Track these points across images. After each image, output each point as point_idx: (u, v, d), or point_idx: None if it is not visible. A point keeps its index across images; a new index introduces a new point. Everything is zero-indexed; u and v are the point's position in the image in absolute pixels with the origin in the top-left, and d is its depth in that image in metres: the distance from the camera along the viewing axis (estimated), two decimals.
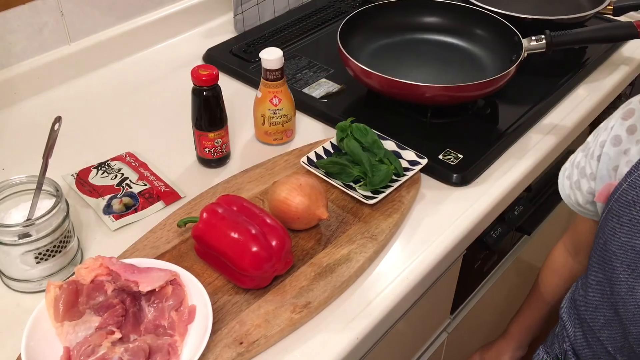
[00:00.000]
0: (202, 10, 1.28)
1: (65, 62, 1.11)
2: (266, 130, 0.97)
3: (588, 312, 0.75)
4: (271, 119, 0.96)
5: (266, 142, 0.99)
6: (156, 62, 1.19)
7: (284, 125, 0.97)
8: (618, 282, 0.68)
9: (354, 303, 0.75)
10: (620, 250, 0.67)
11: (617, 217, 0.67)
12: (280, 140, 0.99)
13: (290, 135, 0.99)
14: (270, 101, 0.94)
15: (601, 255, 0.71)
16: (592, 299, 0.74)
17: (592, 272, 0.73)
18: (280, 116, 0.96)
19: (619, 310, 0.69)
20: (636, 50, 1.23)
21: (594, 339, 0.75)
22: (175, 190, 0.89)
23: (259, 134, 0.99)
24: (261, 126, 0.98)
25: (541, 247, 1.39)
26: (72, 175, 0.91)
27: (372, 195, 0.86)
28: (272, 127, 0.97)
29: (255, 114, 0.98)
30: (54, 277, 0.76)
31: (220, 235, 0.73)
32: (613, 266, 0.68)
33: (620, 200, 0.67)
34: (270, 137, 0.98)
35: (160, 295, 0.70)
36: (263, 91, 0.95)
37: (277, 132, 0.97)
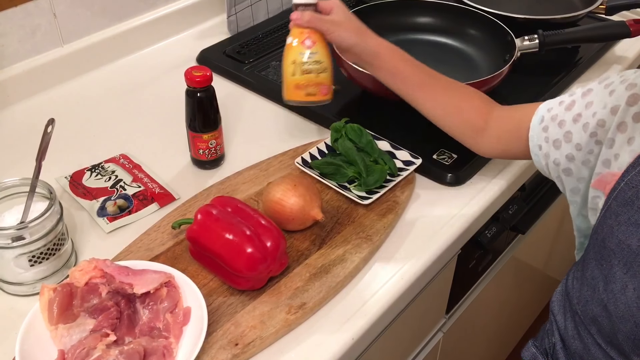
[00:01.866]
0: (195, 11, 1.28)
1: (58, 64, 1.10)
2: (297, 83, 0.84)
3: (580, 305, 0.76)
4: (303, 66, 0.82)
5: (297, 100, 0.85)
6: (150, 63, 1.19)
7: (318, 75, 0.83)
8: (614, 280, 0.68)
9: (349, 303, 0.75)
10: (618, 249, 0.67)
11: (615, 216, 0.67)
12: (314, 96, 0.85)
13: (326, 93, 0.85)
14: (302, 43, 0.83)
15: (599, 252, 0.71)
16: (585, 293, 0.74)
17: (589, 268, 0.73)
18: (314, 62, 0.83)
19: (609, 308, 0.70)
20: (628, 49, 1.24)
21: (585, 332, 0.76)
22: (170, 192, 0.89)
23: (288, 90, 0.85)
24: (290, 77, 0.84)
25: (535, 246, 1.39)
26: (66, 177, 0.91)
27: (367, 195, 0.86)
28: (304, 77, 0.83)
29: (285, 64, 0.85)
30: (48, 279, 0.75)
31: (214, 237, 0.73)
32: (611, 264, 0.69)
33: (619, 198, 0.67)
34: (302, 90, 0.84)
35: (155, 297, 0.70)
36: (294, 33, 0.84)
37: (310, 85, 0.83)
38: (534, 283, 1.57)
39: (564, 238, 1.57)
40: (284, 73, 0.85)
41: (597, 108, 0.71)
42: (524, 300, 1.57)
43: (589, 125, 0.71)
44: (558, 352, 0.83)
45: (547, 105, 0.79)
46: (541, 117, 0.78)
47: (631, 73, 0.71)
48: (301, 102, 0.85)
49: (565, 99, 0.77)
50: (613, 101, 0.69)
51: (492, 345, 1.53)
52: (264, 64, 1.16)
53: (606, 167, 0.69)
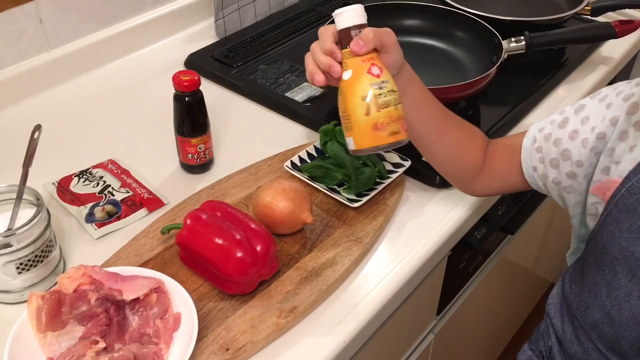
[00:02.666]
0: (182, 15, 1.28)
1: (45, 69, 1.10)
2: (375, 122, 0.67)
3: (580, 310, 0.75)
4: (379, 99, 0.66)
5: (379, 145, 0.68)
6: (137, 68, 1.19)
7: (397, 107, 0.68)
8: (618, 286, 0.68)
9: (340, 306, 0.75)
10: (621, 256, 0.67)
11: (616, 222, 0.67)
12: (398, 135, 0.68)
13: (406, 127, 0.69)
14: (369, 72, 0.67)
15: (600, 258, 0.70)
16: (586, 298, 0.74)
17: (589, 273, 0.73)
18: (390, 92, 0.67)
19: (612, 315, 0.69)
20: (614, 50, 1.25)
21: (585, 337, 0.76)
22: (159, 197, 0.89)
23: (365, 135, 0.68)
24: (365, 119, 0.67)
25: (525, 246, 1.40)
26: (53, 183, 0.90)
27: (357, 198, 0.86)
28: (383, 113, 0.67)
29: (350, 105, 0.68)
30: (36, 287, 0.75)
31: (204, 242, 0.72)
32: (615, 270, 0.68)
33: (620, 205, 0.67)
34: (383, 131, 0.67)
35: (144, 304, 0.70)
36: (352, 64, 0.68)
37: (392, 121, 0.67)
38: (524, 283, 1.58)
39: (553, 238, 1.58)
40: (352, 117, 0.68)
41: (595, 122, 0.70)
42: (515, 300, 1.58)
43: (589, 140, 0.70)
44: (555, 355, 0.83)
45: (538, 125, 0.77)
46: (533, 137, 0.76)
47: (624, 85, 0.72)
48: (384, 146, 0.68)
49: (556, 117, 0.75)
50: (612, 113, 0.69)
51: (484, 345, 1.53)
52: (252, 68, 1.16)
53: (605, 174, 0.69)
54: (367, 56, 0.68)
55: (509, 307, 1.56)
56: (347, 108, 0.68)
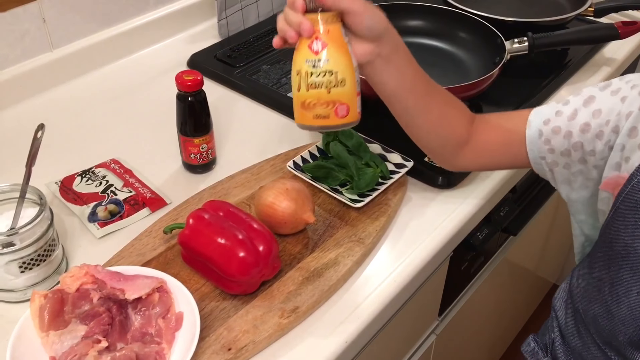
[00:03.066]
0: (185, 15, 1.28)
1: (48, 69, 1.10)
2: (303, 100, 0.65)
3: (582, 303, 0.76)
4: (309, 77, 0.63)
5: (305, 124, 0.67)
6: (140, 68, 1.19)
7: (329, 90, 0.63)
8: (619, 282, 0.68)
9: (342, 307, 0.75)
10: (625, 252, 0.67)
11: (623, 219, 0.67)
12: (325, 119, 0.65)
13: (345, 114, 0.65)
14: (309, 47, 0.63)
15: (607, 254, 0.71)
16: (590, 292, 0.74)
17: (596, 268, 0.74)
18: (324, 72, 0.63)
19: (611, 309, 0.70)
20: (617, 51, 1.25)
21: (585, 330, 0.76)
22: (161, 196, 0.89)
23: (296, 110, 0.68)
24: (296, 92, 0.66)
25: (527, 247, 1.40)
26: (56, 183, 0.90)
27: (359, 198, 0.86)
28: (311, 94, 0.64)
29: (292, 75, 0.67)
30: (39, 286, 0.75)
31: (206, 241, 0.73)
32: (619, 266, 0.68)
33: (626, 201, 0.67)
34: (309, 111, 0.65)
35: (146, 303, 0.70)
36: None
37: (320, 104, 0.64)
38: (526, 284, 1.58)
39: (555, 239, 1.58)
40: (292, 88, 0.67)
41: (609, 116, 0.69)
42: (516, 301, 1.58)
43: (604, 133, 0.69)
44: (557, 348, 0.83)
45: (541, 116, 0.75)
46: (538, 130, 0.75)
47: (636, 77, 0.71)
48: (310, 126, 0.66)
49: (562, 108, 0.74)
50: (627, 107, 0.68)
51: (485, 346, 1.53)
52: (255, 68, 1.16)
53: (616, 170, 0.69)
54: (321, 27, 0.63)
55: (511, 308, 1.56)
56: (292, 76, 0.67)
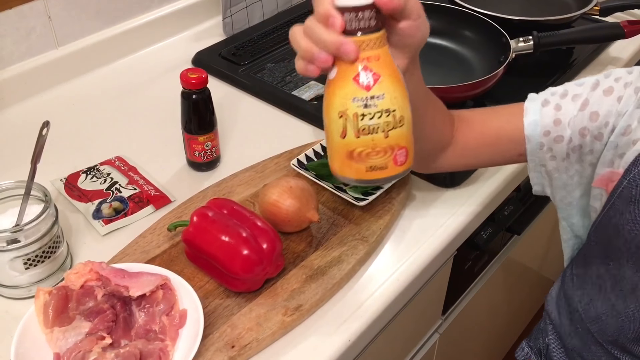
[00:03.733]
0: (190, 13, 1.28)
1: (53, 66, 1.10)
2: (352, 150, 0.52)
3: (582, 303, 0.75)
4: (359, 120, 0.50)
5: (353, 179, 0.54)
6: (145, 65, 1.19)
7: (387, 134, 0.51)
8: (623, 279, 0.68)
9: (345, 305, 0.75)
10: (625, 248, 0.67)
11: (620, 214, 0.67)
12: (383, 170, 0.53)
13: (405, 158, 0.53)
14: (355, 80, 0.50)
15: (604, 251, 0.70)
16: (589, 291, 0.74)
17: (592, 266, 0.73)
18: (380, 112, 0.50)
19: (617, 307, 0.69)
20: (623, 50, 1.24)
21: (584, 330, 0.75)
22: (165, 194, 0.89)
23: (338, 160, 0.54)
24: (339, 141, 0.52)
25: (531, 247, 1.39)
26: (61, 180, 0.90)
27: (363, 197, 0.86)
28: (363, 141, 0.51)
29: (327, 114, 0.54)
30: (44, 282, 0.75)
31: (210, 239, 0.73)
32: (620, 263, 0.68)
33: (622, 197, 0.66)
34: (361, 163, 0.52)
35: (150, 300, 0.70)
36: (341, 64, 0.51)
37: (375, 152, 0.51)
38: (529, 284, 1.57)
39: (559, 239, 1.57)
40: (327, 133, 0.54)
41: (607, 118, 0.68)
42: (520, 301, 1.58)
43: (603, 135, 0.68)
44: (552, 351, 0.83)
45: (539, 127, 0.71)
46: (539, 143, 0.72)
47: (624, 73, 0.70)
48: (361, 180, 0.53)
49: (560, 116, 0.71)
50: (623, 107, 0.67)
51: (488, 346, 1.53)
52: (260, 66, 1.16)
53: (609, 166, 0.68)
54: (367, 52, 0.49)
55: (515, 308, 1.56)
56: (324, 117, 0.53)
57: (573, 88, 0.72)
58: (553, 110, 0.72)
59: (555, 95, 0.73)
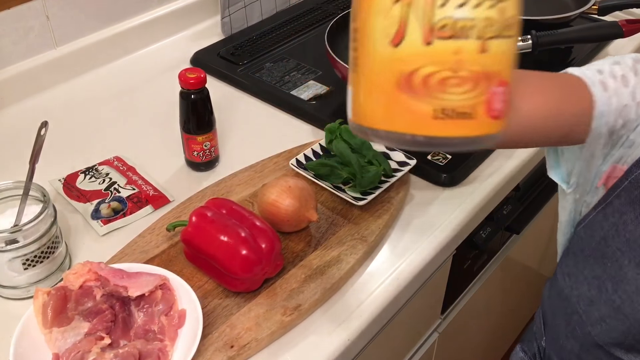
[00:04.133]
0: (189, 13, 1.28)
1: (52, 66, 1.10)
2: (410, 68, 0.30)
3: (581, 305, 0.74)
4: (439, 8, 0.29)
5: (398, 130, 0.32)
6: (143, 65, 1.19)
7: (486, 43, 0.29)
8: (625, 280, 0.66)
9: (344, 305, 0.75)
10: (627, 248, 0.65)
11: (620, 214, 0.65)
12: (466, 120, 0.30)
13: (503, 106, 0.32)
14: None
15: (600, 250, 0.69)
16: (587, 293, 0.72)
17: (586, 266, 0.72)
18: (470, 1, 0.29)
19: (623, 309, 0.67)
20: (621, 49, 1.24)
21: (584, 332, 0.74)
22: (164, 194, 0.89)
23: (376, 91, 0.32)
24: (388, 52, 0.30)
25: (530, 246, 1.39)
26: (60, 180, 0.90)
27: (362, 196, 0.86)
28: (440, 49, 0.29)
29: (365, 6, 0.31)
30: (42, 283, 0.75)
31: (209, 239, 0.73)
32: (620, 264, 0.67)
33: (622, 197, 0.65)
34: (428, 99, 0.30)
35: (149, 300, 0.70)
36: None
37: (459, 78, 0.29)
38: (528, 283, 1.57)
39: None
40: (361, 39, 0.31)
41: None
42: (519, 300, 1.58)
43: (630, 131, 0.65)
44: (549, 354, 0.82)
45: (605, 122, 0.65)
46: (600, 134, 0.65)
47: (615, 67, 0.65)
48: (417, 138, 0.32)
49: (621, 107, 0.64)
50: (623, 101, 0.63)
51: (488, 345, 1.53)
52: (258, 66, 1.16)
53: (614, 163, 0.67)
54: None
55: (514, 307, 1.56)
56: (355, 12, 0.31)
57: (617, 70, 0.65)
58: (615, 99, 0.64)
59: (608, 76, 0.66)
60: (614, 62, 0.67)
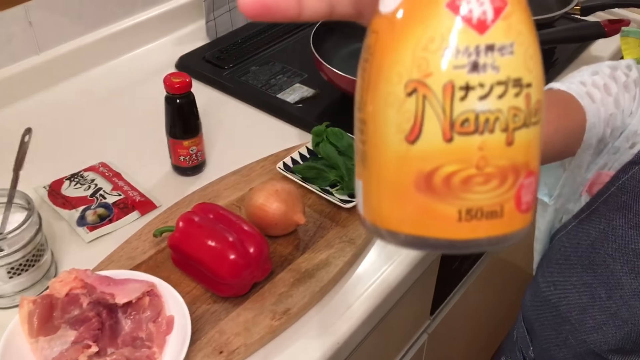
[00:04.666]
0: (173, 17, 1.27)
1: (35, 72, 1.09)
2: (429, 167, 0.25)
3: (573, 314, 0.72)
4: (461, 100, 0.25)
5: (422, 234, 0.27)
6: (128, 70, 1.18)
7: (513, 135, 0.26)
8: (619, 286, 0.66)
9: (333, 308, 0.75)
10: (618, 254, 0.65)
11: (608, 221, 0.65)
12: (495, 219, 0.26)
13: (532, 197, 0.28)
14: (450, 5, 0.25)
15: (586, 257, 0.68)
16: (578, 301, 0.71)
17: (573, 274, 0.71)
18: (505, 84, 0.26)
19: (621, 315, 0.67)
20: (604, 49, 1.26)
21: (578, 341, 0.73)
22: (151, 199, 0.89)
23: (389, 191, 0.27)
24: (401, 149, 0.26)
25: (518, 246, 1.40)
26: (44, 187, 0.89)
27: (349, 199, 0.86)
28: (461, 145, 0.25)
29: (377, 95, 0.26)
30: (28, 291, 0.74)
31: (197, 244, 0.72)
32: (611, 269, 0.66)
33: (610, 203, 0.64)
34: (451, 200, 0.26)
35: (137, 307, 0.69)
36: None
37: (485, 175, 0.26)
38: (517, 282, 1.58)
39: None
40: (370, 131, 0.27)
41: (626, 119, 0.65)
42: (507, 299, 1.59)
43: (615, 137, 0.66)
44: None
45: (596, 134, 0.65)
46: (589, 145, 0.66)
47: (626, 69, 0.67)
48: (440, 242, 0.27)
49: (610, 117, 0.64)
50: (635, 106, 0.65)
51: (478, 345, 1.54)
52: (244, 69, 1.16)
53: (600, 169, 0.67)
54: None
55: (502, 307, 1.57)
56: (362, 100, 0.28)
57: (598, 80, 0.65)
58: (603, 109, 0.65)
59: (591, 87, 0.66)
60: (592, 72, 0.67)
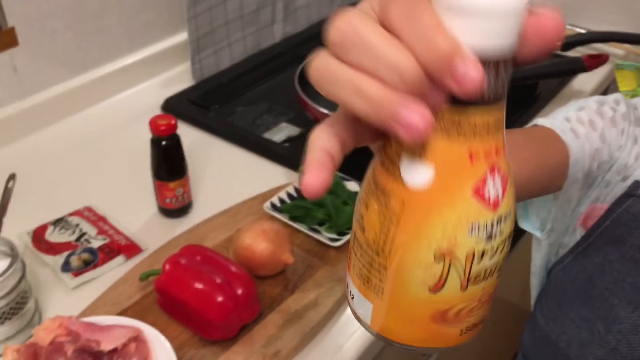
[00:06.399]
0: (159, 60, 1.28)
1: (19, 117, 1.09)
2: (445, 307, 0.31)
3: (573, 349, 0.71)
4: (477, 264, 0.30)
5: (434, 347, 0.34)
6: (114, 113, 1.18)
7: (498, 274, 0.32)
8: (618, 320, 0.64)
9: (324, 349, 0.74)
10: (617, 288, 0.64)
11: (604, 254, 0.64)
12: (477, 327, 0.35)
13: (486, 314, 0.35)
14: (477, 192, 0.28)
15: (584, 291, 0.67)
16: (577, 336, 0.70)
17: (572, 309, 0.70)
18: (503, 244, 0.31)
19: (620, 349, 0.65)
20: (585, 83, 1.28)
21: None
22: (136, 243, 0.87)
23: (410, 321, 0.32)
24: (424, 297, 0.31)
25: (512, 282, 1.39)
26: (28, 233, 0.88)
27: (337, 237, 0.85)
28: (471, 293, 0.31)
29: (406, 259, 0.30)
30: (12, 340, 0.72)
31: (184, 287, 0.71)
32: (609, 303, 0.65)
33: (605, 236, 0.64)
34: (457, 325, 0.33)
35: (123, 354, 0.68)
36: (441, 151, 0.28)
37: (480, 304, 0.32)
38: (511, 318, 1.57)
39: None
40: (394, 282, 0.31)
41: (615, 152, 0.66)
42: (503, 334, 1.57)
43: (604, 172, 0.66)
44: None
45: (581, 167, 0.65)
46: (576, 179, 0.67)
47: (614, 104, 0.68)
48: (440, 349, 0.34)
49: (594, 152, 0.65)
50: (623, 140, 0.65)
51: None
52: (230, 110, 1.16)
53: (592, 203, 0.67)
54: (492, 137, 0.29)
55: (499, 342, 1.55)
56: (387, 254, 0.30)
57: (583, 115, 0.67)
58: (588, 144, 0.65)
59: (576, 122, 0.67)
60: (578, 107, 0.69)
